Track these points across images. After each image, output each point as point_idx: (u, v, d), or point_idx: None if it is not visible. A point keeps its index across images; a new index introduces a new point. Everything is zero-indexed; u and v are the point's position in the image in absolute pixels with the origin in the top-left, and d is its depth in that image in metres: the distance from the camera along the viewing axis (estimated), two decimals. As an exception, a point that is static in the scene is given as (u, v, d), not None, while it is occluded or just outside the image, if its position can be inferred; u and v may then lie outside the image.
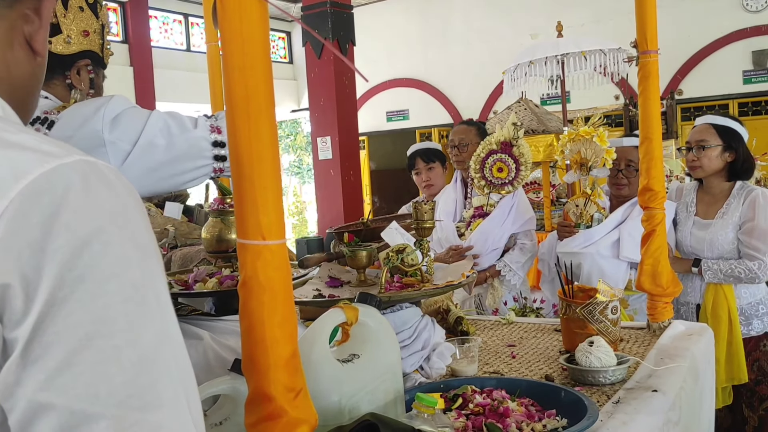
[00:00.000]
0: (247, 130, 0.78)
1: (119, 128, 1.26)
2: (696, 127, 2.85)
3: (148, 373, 0.52)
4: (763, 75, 9.04)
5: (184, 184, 1.34)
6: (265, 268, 0.78)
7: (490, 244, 3.04)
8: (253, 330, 0.79)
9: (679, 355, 1.74)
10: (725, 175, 2.76)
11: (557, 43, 5.16)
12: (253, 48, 0.78)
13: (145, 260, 0.56)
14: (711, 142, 2.72)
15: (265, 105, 0.79)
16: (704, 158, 2.73)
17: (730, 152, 2.73)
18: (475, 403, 1.39)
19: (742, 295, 2.72)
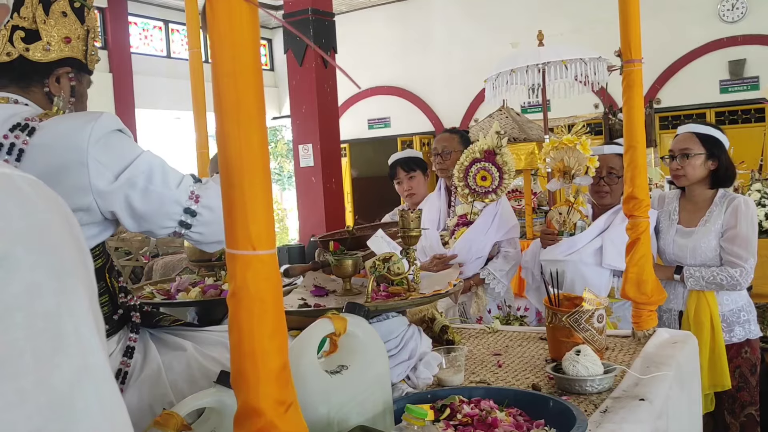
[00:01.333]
0: (237, 137, 0.76)
1: (106, 151, 1.23)
2: (679, 135, 2.87)
3: (61, 418, 0.46)
4: (739, 84, 9.18)
5: (145, 231, 1.32)
6: (255, 278, 0.76)
7: (474, 253, 3.03)
8: (242, 342, 0.77)
9: (664, 363, 1.75)
10: (708, 183, 2.78)
11: (538, 52, 5.18)
12: (243, 54, 0.76)
13: (64, 286, 0.49)
14: (694, 151, 2.74)
15: (255, 112, 0.77)
16: (688, 166, 2.75)
17: (713, 160, 2.75)
18: (463, 414, 1.38)
19: (724, 302, 2.74)
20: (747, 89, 9.03)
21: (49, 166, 1.22)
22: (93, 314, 0.52)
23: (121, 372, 1.31)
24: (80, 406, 0.47)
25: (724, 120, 9.32)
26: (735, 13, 9.13)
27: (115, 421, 0.50)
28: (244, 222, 0.76)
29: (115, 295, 1.38)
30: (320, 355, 1.19)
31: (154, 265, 2.21)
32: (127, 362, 1.32)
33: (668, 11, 9.37)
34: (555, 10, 9.96)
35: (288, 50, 7.52)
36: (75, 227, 0.54)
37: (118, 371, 1.31)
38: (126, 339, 1.36)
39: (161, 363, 1.34)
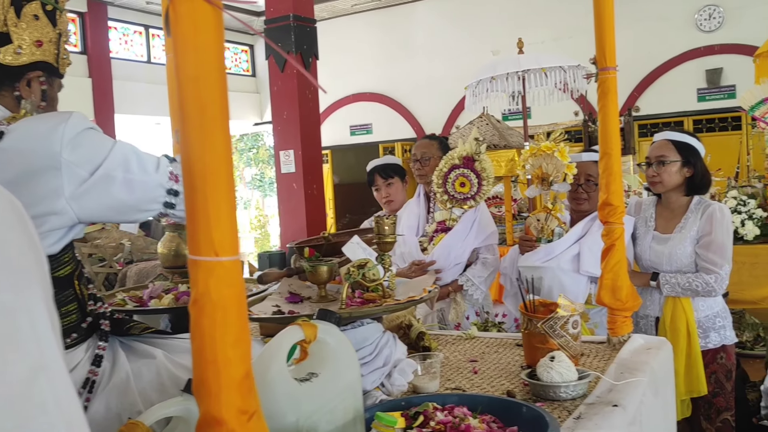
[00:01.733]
0: (200, 142, 0.75)
1: (79, 151, 1.22)
2: (655, 142, 2.90)
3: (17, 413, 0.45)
4: (716, 93, 9.30)
5: (128, 220, 1.33)
6: (218, 285, 0.75)
7: (452, 259, 3.03)
8: (204, 350, 0.75)
9: (638, 369, 1.75)
10: (684, 189, 2.80)
11: (518, 60, 5.22)
12: (207, 58, 0.75)
13: (20, 282, 0.50)
14: (670, 158, 2.77)
15: (219, 117, 0.76)
16: (664, 173, 2.77)
17: (689, 167, 2.77)
18: (436, 421, 1.37)
19: (699, 308, 2.76)
20: (724, 98, 9.15)
21: (19, 170, 1.20)
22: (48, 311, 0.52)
23: (89, 381, 1.29)
24: (36, 402, 0.47)
25: (701, 128, 9.44)
26: (712, 23, 9.26)
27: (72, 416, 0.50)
28: (207, 228, 0.75)
29: (84, 303, 1.36)
30: (290, 363, 1.18)
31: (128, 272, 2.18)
32: (95, 371, 1.30)
33: (647, 20, 9.48)
34: (536, 19, 10.04)
35: (269, 56, 7.50)
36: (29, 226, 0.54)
37: (86, 380, 1.29)
38: (95, 347, 1.34)
39: (130, 371, 1.32)
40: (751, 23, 8.64)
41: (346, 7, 11.90)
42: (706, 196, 3.04)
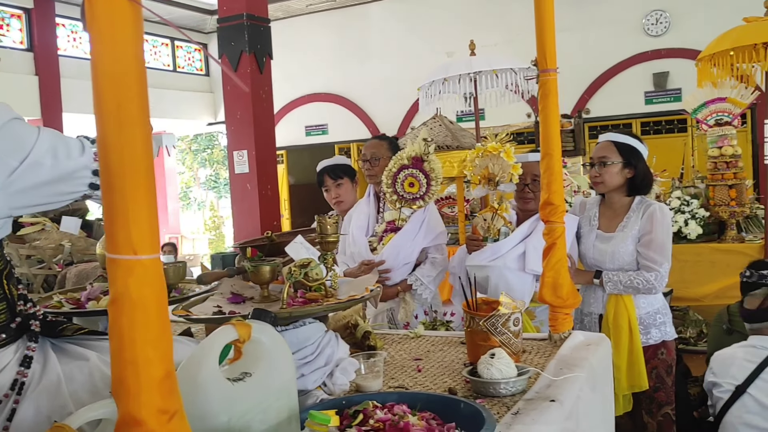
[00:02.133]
0: (118, 139, 0.74)
1: (7, 143, 1.22)
2: (599, 144, 2.97)
3: None
4: (663, 96, 9.56)
5: (56, 204, 1.35)
6: (137, 284, 0.74)
7: (401, 259, 3.04)
8: (123, 350, 0.74)
9: (577, 365, 1.79)
10: (625, 190, 2.87)
11: (470, 61, 5.28)
12: (125, 53, 0.74)
13: None
14: (612, 159, 2.83)
15: (138, 114, 0.75)
16: (606, 174, 2.84)
17: (630, 169, 2.84)
18: (375, 419, 1.37)
19: (641, 305, 2.83)
20: (670, 101, 9.41)
21: None
22: None
23: (17, 382, 1.26)
24: None
25: (648, 130, 9.68)
26: (659, 27, 9.51)
27: None
28: (126, 226, 0.74)
29: (13, 303, 1.33)
30: (224, 363, 1.17)
31: (67, 274, 2.13)
32: (25, 372, 1.27)
33: (597, 24, 9.68)
34: (489, 21, 10.16)
35: (222, 55, 7.42)
36: None
37: (14, 381, 1.26)
38: (24, 348, 1.30)
39: (61, 373, 1.29)
40: (696, 28, 8.90)
41: (300, 7, 11.84)
42: (651, 196, 3.12)
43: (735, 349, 3.12)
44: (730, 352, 3.12)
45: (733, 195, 4.95)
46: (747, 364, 2.98)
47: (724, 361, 3.11)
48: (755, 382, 2.92)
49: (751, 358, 2.99)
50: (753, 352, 3.02)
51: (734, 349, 3.12)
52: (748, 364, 2.98)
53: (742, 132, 8.55)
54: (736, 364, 3.02)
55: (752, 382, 2.92)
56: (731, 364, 3.04)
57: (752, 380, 2.92)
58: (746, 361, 2.99)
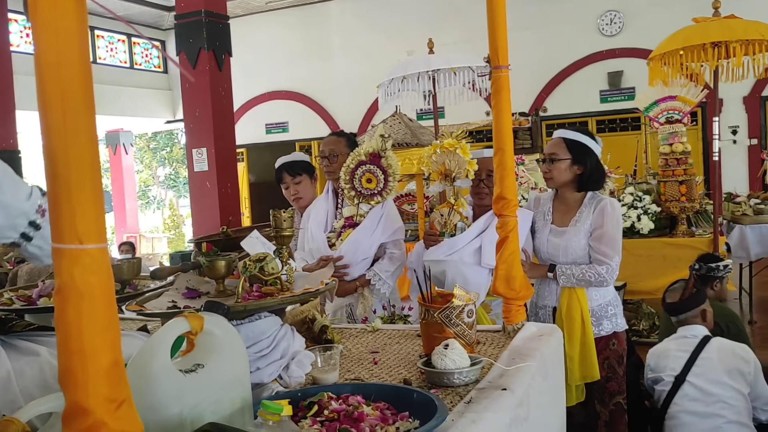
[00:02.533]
0: (62, 129, 0.74)
1: None
2: (551, 140, 3.03)
3: None
4: (617, 94, 9.77)
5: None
6: (84, 274, 0.75)
7: (360, 254, 3.06)
8: (69, 340, 0.75)
9: (529, 355, 1.83)
10: (575, 186, 2.93)
11: (429, 60, 5.33)
12: (68, 43, 0.74)
13: None
14: (560, 156, 2.89)
15: (83, 103, 0.76)
16: (554, 170, 2.90)
17: (578, 165, 2.90)
18: (330, 410, 1.39)
19: (593, 297, 2.91)
20: (624, 99, 9.63)
21: None
22: None
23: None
24: None
25: (604, 128, 9.89)
26: (613, 27, 9.71)
27: None
28: (71, 216, 0.74)
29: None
30: (177, 355, 1.17)
31: (18, 271, 2.09)
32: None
33: (554, 24, 9.85)
34: (448, 20, 10.25)
35: (180, 52, 7.33)
36: None
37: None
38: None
39: (11, 369, 1.28)
40: (649, 28, 9.11)
41: (260, 4, 11.76)
42: (606, 192, 3.19)
43: (667, 343, 3.27)
44: (663, 347, 3.27)
45: (684, 191, 5.10)
46: (681, 354, 3.12)
47: (659, 355, 3.25)
48: (692, 370, 3.05)
49: (684, 348, 3.14)
50: (684, 342, 3.17)
51: (666, 343, 3.27)
52: (683, 354, 3.12)
53: (693, 130, 8.79)
54: (671, 356, 3.16)
55: (690, 370, 3.05)
56: (666, 357, 3.18)
57: (689, 368, 3.06)
58: (680, 351, 3.14)
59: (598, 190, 3.02)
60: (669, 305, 3.38)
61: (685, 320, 3.27)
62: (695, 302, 3.29)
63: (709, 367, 3.04)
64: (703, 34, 4.73)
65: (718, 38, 4.69)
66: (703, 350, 3.09)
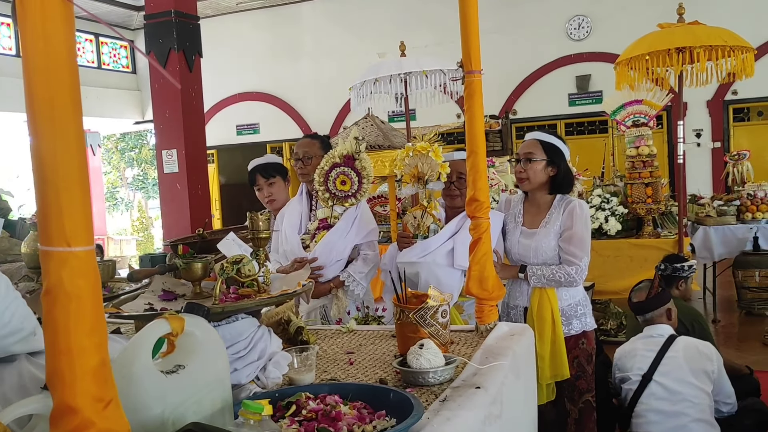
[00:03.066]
0: (51, 133, 0.75)
1: None
2: (525, 141, 3.08)
3: None
4: (585, 98, 9.93)
5: None
6: (72, 276, 0.76)
7: (334, 256, 3.08)
8: (57, 341, 0.76)
9: (502, 354, 1.87)
10: (548, 188, 2.99)
11: (400, 62, 5.37)
12: (56, 49, 0.75)
13: None
14: (537, 156, 2.95)
15: (71, 108, 0.77)
16: (530, 170, 2.95)
17: (553, 167, 2.96)
18: (308, 410, 1.41)
19: (563, 297, 2.96)
20: (592, 102, 9.79)
21: None
22: None
23: (-58, 386, 1.24)
24: None
25: (572, 131, 10.04)
26: (581, 32, 9.87)
27: None
28: (59, 218, 0.75)
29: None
30: (158, 356, 1.18)
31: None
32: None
33: (524, 28, 9.97)
34: (420, 23, 10.31)
35: (150, 52, 7.27)
36: None
37: (-61, 385, 1.23)
38: (-52, 351, 1.28)
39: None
40: (616, 33, 9.29)
41: (231, 5, 11.70)
42: (574, 194, 3.25)
43: (634, 342, 3.35)
44: (630, 347, 3.35)
45: (650, 193, 5.22)
46: (648, 353, 3.20)
47: (626, 355, 3.32)
48: (659, 369, 3.13)
49: (650, 347, 3.22)
50: (651, 341, 3.25)
51: (633, 343, 3.35)
52: (649, 353, 3.19)
53: (659, 133, 8.99)
54: (638, 355, 3.23)
55: (656, 369, 3.13)
56: (634, 356, 3.25)
57: (655, 367, 3.14)
58: (647, 350, 3.22)
59: (568, 193, 3.08)
60: (635, 304, 3.46)
61: (651, 319, 3.35)
62: (660, 301, 3.37)
63: (674, 365, 3.12)
64: (668, 40, 4.85)
65: (682, 44, 4.81)
66: (669, 349, 3.17)
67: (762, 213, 6.05)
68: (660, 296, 3.39)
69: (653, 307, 3.35)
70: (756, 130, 9.82)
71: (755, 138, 9.66)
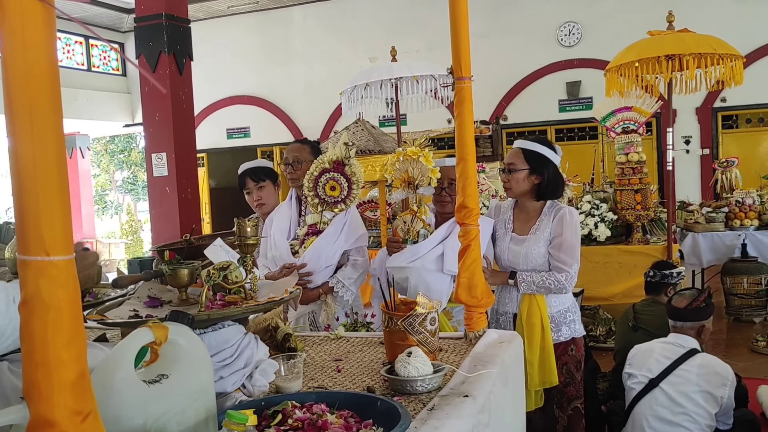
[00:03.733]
0: (30, 140, 0.74)
1: None
2: (510, 150, 3.08)
3: None
4: (575, 104, 9.97)
5: None
6: (50, 285, 0.74)
7: (323, 261, 3.07)
8: (34, 352, 0.74)
9: (490, 362, 1.86)
10: (534, 195, 2.99)
11: (391, 67, 5.36)
12: (37, 54, 0.74)
13: None
14: (518, 166, 2.94)
15: (51, 115, 0.75)
16: (512, 180, 2.95)
17: (536, 175, 2.95)
18: (294, 419, 1.40)
19: (552, 304, 2.96)
20: (582, 108, 9.83)
21: None
22: None
23: None
24: None
25: (562, 137, 10.08)
26: (572, 38, 9.91)
27: None
28: (37, 227, 0.74)
29: None
30: (141, 365, 1.16)
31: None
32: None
33: (514, 34, 10.00)
34: (411, 28, 10.32)
35: (140, 55, 7.23)
36: None
37: None
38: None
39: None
40: (606, 39, 9.34)
41: (222, 8, 11.67)
42: (564, 200, 3.24)
43: (654, 343, 3.27)
44: (649, 346, 3.27)
45: (639, 199, 5.23)
46: (663, 360, 3.14)
47: (642, 353, 3.26)
48: (668, 378, 3.08)
49: (668, 354, 3.15)
50: (671, 349, 3.18)
51: (653, 344, 3.27)
52: (665, 360, 3.14)
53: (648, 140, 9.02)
54: (653, 357, 3.18)
55: (665, 377, 3.09)
56: (649, 357, 3.20)
57: (665, 375, 3.09)
58: (663, 356, 3.16)
59: (557, 199, 3.08)
60: (673, 308, 3.30)
61: (682, 329, 3.24)
62: (698, 316, 3.23)
63: (685, 380, 3.05)
64: (657, 47, 4.87)
65: (672, 51, 4.83)
66: (685, 362, 3.09)
67: (750, 220, 6.08)
68: (701, 311, 3.24)
69: (689, 319, 3.22)
70: (744, 137, 9.89)
71: (744, 145, 9.73)
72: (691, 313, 3.23)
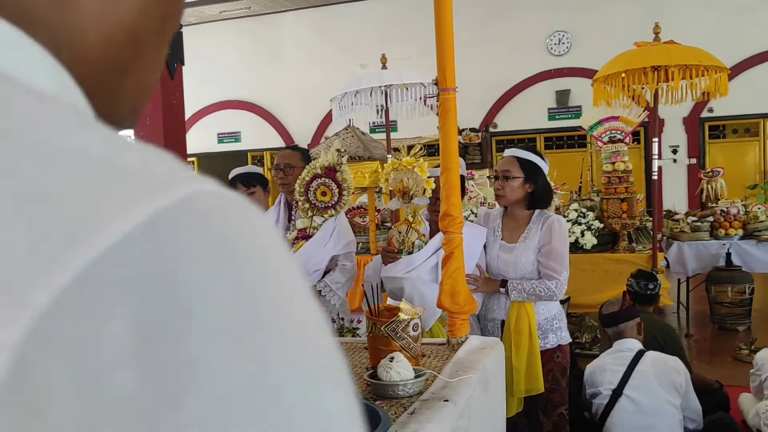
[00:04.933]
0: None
1: None
2: (503, 158, 3.12)
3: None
4: (564, 112, 10.05)
5: None
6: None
7: (312, 266, 3.10)
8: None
9: (471, 368, 1.90)
10: (525, 203, 3.03)
11: (381, 75, 5.42)
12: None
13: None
14: (514, 174, 2.98)
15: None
16: (507, 188, 2.99)
17: (530, 183, 3.00)
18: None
19: (540, 311, 2.99)
20: (571, 117, 9.91)
21: None
22: None
23: None
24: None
25: (551, 145, 10.15)
26: (561, 47, 10.00)
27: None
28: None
29: None
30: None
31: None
32: None
33: (504, 42, 10.08)
34: (402, 35, 10.39)
35: (131, 59, 7.25)
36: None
37: None
38: None
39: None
40: (595, 49, 9.42)
41: (214, 13, 11.70)
42: (552, 208, 3.29)
43: (603, 358, 3.40)
44: (600, 362, 3.39)
45: (625, 208, 5.29)
46: (618, 368, 3.24)
47: (596, 370, 3.36)
48: (629, 383, 3.17)
49: (619, 362, 3.26)
50: (620, 356, 3.29)
51: (603, 359, 3.39)
52: (619, 368, 3.23)
53: (635, 149, 9.11)
54: (608, 370, 3.27)
55: (626, 383, 3.17)
56: (603, 371, 3.29)
57: (625, 382, 3.18)
58: (616, 365, 3.26)
59: (546, 208, 3.12)
60: (606, 316, 3.50)
61: (622, 332, 3.38)
62: (632, 314, 3.42)
63: (644, 379, 3.16)
64: (644, 58, 4.94)
65: (658, 62, 4.90)
66: (638, 363, 3.21)
67: (735, 230, 6.15)
68: (631, 309, 3.45)
69: (624, 320, 3.40)
70: (731, 147, 10.00)
71: (730, 155, 9.83)
72: (627, 314, 3.43)
